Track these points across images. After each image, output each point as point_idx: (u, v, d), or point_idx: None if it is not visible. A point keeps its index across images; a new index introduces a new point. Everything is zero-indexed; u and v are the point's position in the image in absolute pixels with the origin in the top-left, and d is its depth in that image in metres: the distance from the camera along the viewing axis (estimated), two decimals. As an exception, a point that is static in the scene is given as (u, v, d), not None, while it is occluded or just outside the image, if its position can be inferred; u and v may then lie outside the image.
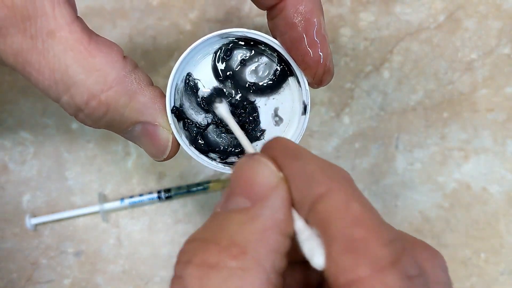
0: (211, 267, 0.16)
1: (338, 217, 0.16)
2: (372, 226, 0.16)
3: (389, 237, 0.16)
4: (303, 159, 0.18)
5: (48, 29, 0.22)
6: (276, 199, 0.18)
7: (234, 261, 0.16)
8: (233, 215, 0.18)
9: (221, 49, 0.26)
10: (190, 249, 0.17)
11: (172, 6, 0.42)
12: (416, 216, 0.41)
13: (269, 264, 0.16)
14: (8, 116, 0.41)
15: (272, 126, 0.27)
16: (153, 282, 0.41)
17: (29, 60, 0.22)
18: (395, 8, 0.42)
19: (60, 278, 0.41)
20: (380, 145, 0.41)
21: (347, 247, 0.16)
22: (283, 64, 0.26)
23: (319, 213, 0.16)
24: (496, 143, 0.41)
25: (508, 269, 0.40)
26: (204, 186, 0.40)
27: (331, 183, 0.17)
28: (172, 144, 0.25)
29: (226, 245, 0.16)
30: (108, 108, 0.23)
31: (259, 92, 0.27)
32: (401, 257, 0.16)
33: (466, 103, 0.41)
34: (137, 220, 0.41)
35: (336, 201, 0.16)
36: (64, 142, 0.41)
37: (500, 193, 0.41)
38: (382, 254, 0.15)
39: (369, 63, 0.42)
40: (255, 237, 0.17)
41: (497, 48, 0.42)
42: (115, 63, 0.23)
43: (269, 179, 0.18)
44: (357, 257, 0.15)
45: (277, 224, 0.17)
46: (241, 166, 0.19)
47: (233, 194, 0.18)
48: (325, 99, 0.41)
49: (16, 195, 0.41)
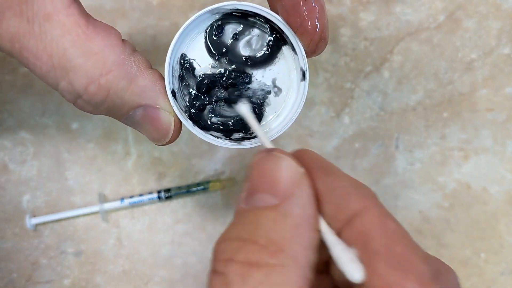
0: (253, 264, 0.17)
1: (378, 233, 0.17)
2: (410, 243, 0.17)
3: (424, 254, 0.17)
4: (335, 174, 0.19)
5: (44, 12, 0.21)
6: (303, 196, 0.18)
7: (273, 258, 0.17)
8: (264, 212, 0.18)
9: (212, 26, 0.26)
10: (230, 247, 0.18)
11: (172, 5, 0.42)
12: (416, 216, 0.41)
13: (304, 259, 0.17)
14: (8, 116, 0.41)
15: (272, 97, 0.27)
16: (153, 282, 0.41)
17: (26, 45, 0.22)
18: (395, 8, 0.42)
19: (60, 278, 0.41)
20: (380, 145, 0.41)
21: (392, 262, 0.16)
22: (275, 33, 0.26)
23: (358, 228, 0.17)
24: (496, 143, 0.41)
25: (508, 269, 0.40)
26: (204, 186, 0.40)
27: (366, 201, 0.18)
28: (175, 127, 0.25)
29: (264, 243, 0.17)
30: (108, 93, 0.23)
31: (255, 65, 0.27)
32: (439, 274, 0.17)
33: (466, 103, 0.41)
34: (137, 220, 0.41)
35: (374, 218, 0.17)
36: (64, 142, 0.41)
37: (500, 193, 0.41)
38: (424, 270, 0.16)
39: (369, 63, 0.42)
40: (289, 234, 0.17)
41: (497, 48, 0.42)
42: (114, 47, 0.22)
43: (293, 174, 0.18)
44: (403, 273, 0.16)
45: (307, 221, 0.18)
46: (262, 162, 0.19)
47: (257, 191, 0.19)
48: (325, 99, 0.41)
49: (16, 195, 0.41)
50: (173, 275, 0.41)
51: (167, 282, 0.41)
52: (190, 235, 0.41)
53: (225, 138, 0.26)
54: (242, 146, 0.26)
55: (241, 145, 0.26)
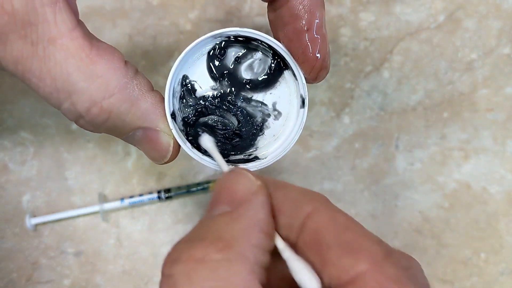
0: (198, 261, 0.17)
1: (328, 228, 0.18)
2: (360, 230, 0.18)
3: (377, 238, 0.18)
4: (284, 188, 0.20)
5: (49, 36, 0.21)
6: (256, 202, 0.19)
7: (220, 253, 0.17)
8: (217, 217, 0.19)
9: (214, 49, 0.26)
10: (177, 249, 0.18)
11: (172, 6, 0.42)
12: (416, 216, 0.41)
13: (253, 256, 0.17)
14: (8, 116, 0.41)
15: (272, 121, 0.27)
16: (153, 282, 0.41)
17: (30, 67, 0.22)
18: (395, 8, 0.42)
19: (60, 278, 0.41)
20: (380, 145, 0.41)
21: (343, 249, 0.17)
22: (277, 59, 0.26)
23: (311, 229, 0.18)
24: (496, 143, 0.41)
25: (508, 269, 0.40)
26: (204, 186, 0.40)
27: (315, 203, 0.19)
28: (173, 148, 0.25)
29: (212, 240, 0.17)
30: (110, 115, 0.23)
31: (256, 88, 0.27)
32: (392, 252, 0.17)
33: (466, 103, 0.41)
34: (137, 220, 0.41)
35: (323, 216, 0.18)
36: (64, 142, 0.41)
37: (500, 193, 0.41)
38: (376, 250, 0.17)
39: (369, 63, 0.42)
40: (239, 233, 0.18)
41: (497, 48, 0.42)
42: (116, 70, 0.23)
43: (249, 186, 0.20)
44: (354, 256, 0.17)
45: (258, 223, 0.18)
46: (223, 179, 0.21)
47: (217, 203, 0.20)
48: (325, 99, 0.41)
49: (16, 195, 0.41)
50: (173, 275, 0.41)
51: (167, 282, 0.41)
52: (190, 235, 0.41)
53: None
54: None
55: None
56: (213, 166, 0.26)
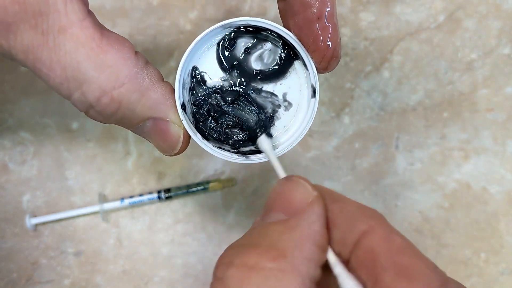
0: (251, 268, 0.17)
1: (384, 249, 0.18)
2: (416, 254, 0.18)
3: (433, 264, 0.17)
4: (341, 201, 0.20)
5: (59, 25, 0.21)
6: (312, 213, 0.19)
7: (273, 262, 0.17)
8: (272, 225, 0.19)
9: (224, 39, 0.26)
10: (231, 253, 0.18)
11: (172, 5, 0.42)
12: (416, 216, 0.41)
13: (305, 270, 0.17)
14: (8, 116, 0.41)
15: (282, 111, 0.27)
16: (153, 282, 0.41)
17: (40, 57, 0.22)
18: (395, 8, 0.42)
19: (60, 278, 0.41)
20: (380, 145, 0.41)
21: (398, 273, 0.17)
22: (287, 49, 0.26)
23: (365, 247, 0.18)
24: (496, 143, 0.41)
25: (508, 269, 0.40)
26: (204, 186, 0.40)
27: (372, 221, 0.19)
28: (183, 139, 0.25)
29: (266, 248, 0.17)
30: (120, 105, 0.23)
31: (266, 79, 0.27)
32: (448, 282, 0.17)
33: (466, 103, 0.41)
34: (137, 220, 0.41)
35: (379, 235, 0.18)
36: (64, 142, 0.41)
37: (500, 193, 0.41)
38: (432, 278, 0.17)
39: (369, 63, 0.42)
40: (292, 244, 0.18)
41: (497, 48, 0.42)
42: (127, 60, 0.23)
43: (305, 195, 0.19)
44: (409, 281, 0.17)
45: (313, 235, 0.18)
46: (279, 187, 0.20)
47: (272, 210, 0.20)
48: (325, 99, 0.41)
49: (16, 195, 0.41)
50: (173, 275, 0.41)
51: (167, 282, 0.41)
52: (190, 235, 0.41)
53: (233, 151, 0.27)
54: (249, 161, 0.26)
55: (248, 160, 0.26)
56: (224, 157, 0.26)
